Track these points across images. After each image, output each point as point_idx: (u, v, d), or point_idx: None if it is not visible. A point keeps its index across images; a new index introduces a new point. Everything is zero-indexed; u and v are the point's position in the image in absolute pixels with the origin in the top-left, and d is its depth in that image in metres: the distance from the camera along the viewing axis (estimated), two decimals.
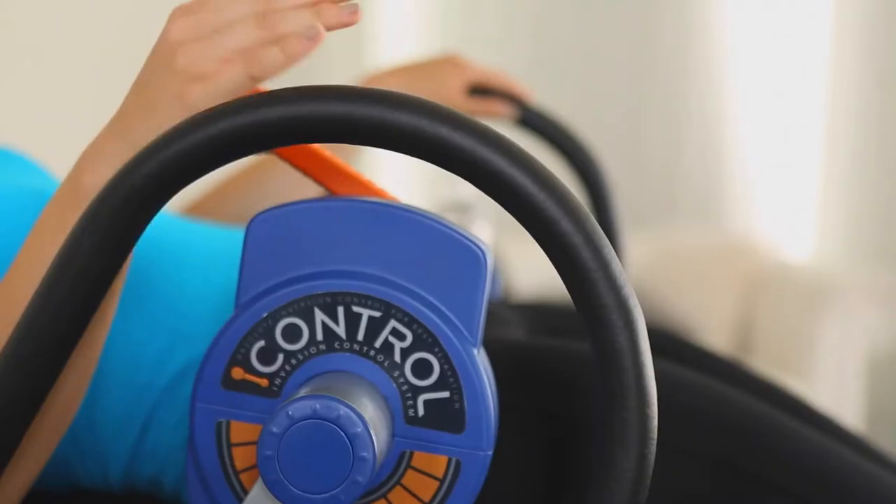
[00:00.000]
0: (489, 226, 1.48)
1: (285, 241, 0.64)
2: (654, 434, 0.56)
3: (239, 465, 0.64)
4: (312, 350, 0.64)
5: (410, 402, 0.63)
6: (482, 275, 0.64)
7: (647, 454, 0.55)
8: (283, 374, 0.64)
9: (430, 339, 0.63)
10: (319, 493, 0.58)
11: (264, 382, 0.64)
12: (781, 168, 3.20)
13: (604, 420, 0.56)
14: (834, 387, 2.73)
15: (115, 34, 2.25)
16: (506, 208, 0.58)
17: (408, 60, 1.27)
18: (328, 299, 0.63)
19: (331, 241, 0.64)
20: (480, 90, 1.23)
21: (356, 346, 0.63)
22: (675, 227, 3.05)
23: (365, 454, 0.57)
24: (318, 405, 0.57)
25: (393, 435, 0.63)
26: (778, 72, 3.16)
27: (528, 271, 2.13)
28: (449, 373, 0.63)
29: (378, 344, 0.63)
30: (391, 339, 0.63)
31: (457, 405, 0.63)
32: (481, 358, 0.65)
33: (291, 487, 0.58)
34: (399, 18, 3.13)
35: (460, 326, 0.63)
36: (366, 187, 0.71)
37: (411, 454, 0.63)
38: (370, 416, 0.59)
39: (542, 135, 1.25)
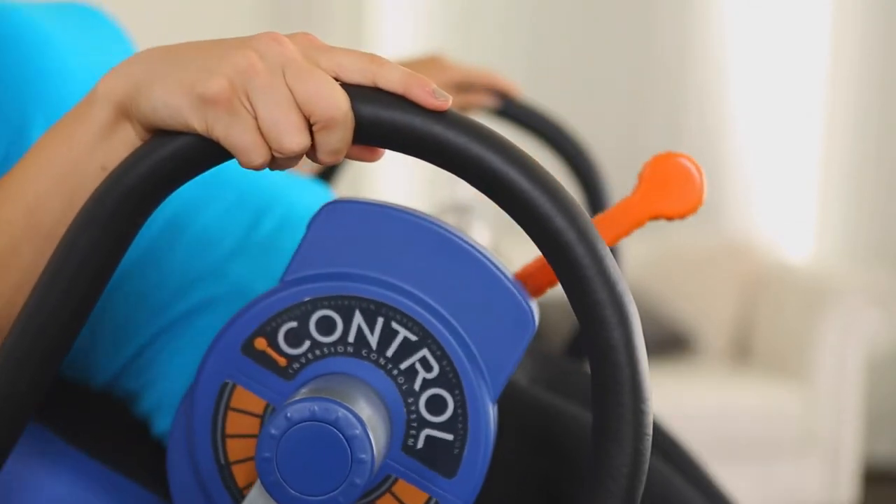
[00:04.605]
0: (488, 228, 1.48)
1: (351, 235, 0.63)
2: (650, 430, 0.56)
3: (229, 430, 0.64)
4: (339, 349, 0.63)
5: (413, 432, 0.63)
6: (525, 338, 0.63)
7: (642, 449, 0.55)
8: (303, 360, 0.63)
9: (454, 380, 0.62)
10: (318, 496, 0.57)
11: (283, 361, 0.63)
12: (781, 168, 3.20)
13: (598, 416, 0.56)
14: (834, 387, 2.73)
15: None
16: (499, 205, 0.57)
17: (392, 60, 1.26)
18: (372, 307, 0.62)
19: (395, 252, 0.63)
20: (465, 88, 1.23)
21: (381, 361, 0.63)
22: (674, 228, 3.05)
23: (363, 456, 0.57)
24: (316, 407, 0.57)
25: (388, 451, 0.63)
26: (778, 72, 3.16)
27: None
28: (460, 418, 0.62)
29: (403, 366, 0.62)
30: (418, 366, 0.62)
31: (456, 451, 0.62)
32: (493, 413, 0.64)
33: (290, 489, 0.57)
34: (398, 19, 3.14)
35: (487, 378, 0.63)
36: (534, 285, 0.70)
37: (395, 480, 0.63)
38: (369, 418, 0.58)
39: (531, 128, 1.24)
